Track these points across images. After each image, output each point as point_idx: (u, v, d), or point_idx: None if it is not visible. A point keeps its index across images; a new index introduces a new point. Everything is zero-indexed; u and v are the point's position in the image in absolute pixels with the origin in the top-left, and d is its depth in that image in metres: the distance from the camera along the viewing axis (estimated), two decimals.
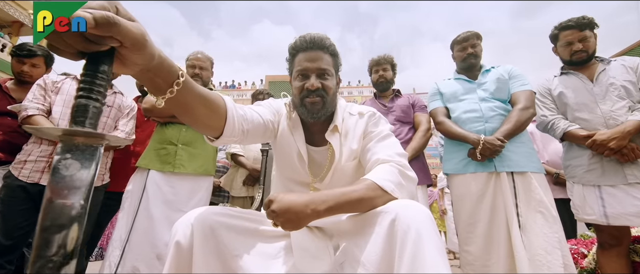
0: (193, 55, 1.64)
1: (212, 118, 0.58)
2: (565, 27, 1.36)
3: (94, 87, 0.32)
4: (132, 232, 1.40)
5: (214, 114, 0.58)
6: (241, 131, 0.65)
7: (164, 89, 0.47)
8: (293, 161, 0.80)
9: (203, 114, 0.56)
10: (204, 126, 0.58)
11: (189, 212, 0.67)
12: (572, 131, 1.28)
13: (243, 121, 0.66)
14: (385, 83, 1.75)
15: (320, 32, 0.79)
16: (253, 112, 0.72)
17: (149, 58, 0.41)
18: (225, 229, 0.65)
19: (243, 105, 0.71)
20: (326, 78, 0.77)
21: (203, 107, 0.54)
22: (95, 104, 0.32)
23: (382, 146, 0.75)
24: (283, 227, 0.56)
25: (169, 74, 0.46)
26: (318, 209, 0.55)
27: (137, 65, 0.41)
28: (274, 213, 0.55)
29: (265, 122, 0.75)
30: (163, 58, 0.44)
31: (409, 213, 0.56)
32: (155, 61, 0.42)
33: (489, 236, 1.22)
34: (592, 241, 1.50)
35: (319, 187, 0.81)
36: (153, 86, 0.46)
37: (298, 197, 0.56)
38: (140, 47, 0.38)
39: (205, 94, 0.54)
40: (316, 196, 0.57)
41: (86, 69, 0.33)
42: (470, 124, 1.35)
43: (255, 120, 0.71)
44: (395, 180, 0.65)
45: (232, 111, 0.62)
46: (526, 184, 1.21)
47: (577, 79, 1.36)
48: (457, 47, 1.52)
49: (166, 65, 0.45)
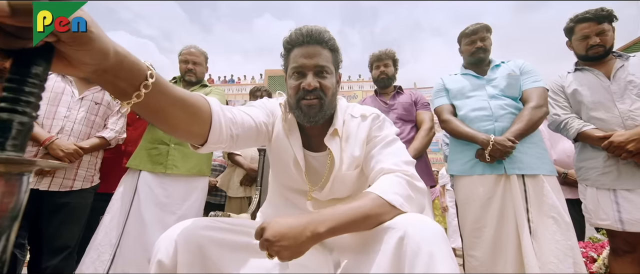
0: (186, 50, 1.55)
1: (193, 124, 0.50)
2: (582, 20, 1.28)
3: (21, 96, 0.25)
4: (123, 236, 1.35)
5: (196, 119, 0.50)
6: (229, 137, 0.58)
7: (129, 92, 0.39)
8: (289, 167, 0.73)
9: (181, 120, 0.48)
10: (184, 133, 0.50)
11: (173, 226, 0.60)
12: (587, 132, 1.21)
13: (232, 124, 0.58)
14: (386, 79, 1.67)
15: (318, 25, 0.71)
16: (244, 115, 0.64)
17: (99, 56, 0.33)
18: (213, 245, 0.59)
19: (232, 107, 0.64)
20: (325, 76, 0.69)
21: (181, 111, 0.47)
22: (23, 119, 0.25)
23: (388, 153, 0.68)
24: (280, 257, 0.48)
25: (132, 75, 0.38)
26: (318, 230, 0.48)
27: (88, 65, 0.33)
28: (267, 242, 0.48)
29: (258, 125, 0.67)
30: (123, 55, 0.36)
31: (420, 231, 0.49)
32: (111, 60, 0.35)
33: (496, 241, 1.16)
34: (602, 244, 1.44)
35: (318, 197, 0.74)
36: (115, 90, 0.39)
37: (294, 220, 0.49)
38: (84, 42, 0.30)
39: (183, 96, 0.47)
40: (315, 216, 0.50)
41: (12, 73, 0.25)
42: (478, 123, 1.28)
43: (246, 123, 0.63)
44: (404, 193, 0.58)
45: (218, 114, 0.54)
46: (538, 187, 1.14)
47: (593, 75, 1.28)
48: (465, 41, 1.43)
49: (128, 64, 0.37)
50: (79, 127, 1.33)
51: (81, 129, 1.34)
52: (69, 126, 1.30)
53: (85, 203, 1.35)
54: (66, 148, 1.23)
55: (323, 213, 0.51)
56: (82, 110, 1.35)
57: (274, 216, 0.81)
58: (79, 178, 1.32)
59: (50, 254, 1.24)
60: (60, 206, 1.26)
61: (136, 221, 1.35)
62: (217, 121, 0.53)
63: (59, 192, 1.25)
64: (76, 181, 1.31)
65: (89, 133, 1.37)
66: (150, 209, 1.36)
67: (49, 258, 1.24)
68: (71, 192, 1.29)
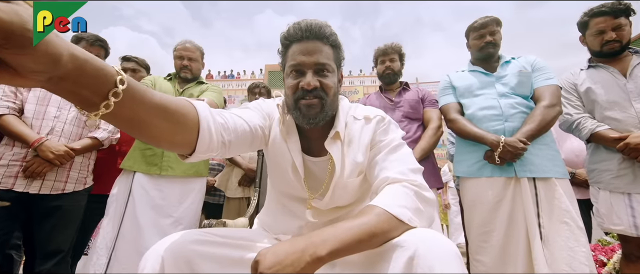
0: (181, 45, 1.49)
1: (177, 133, 0.44)
2: (598, 13, 1.21)
3: None
4: (118, 239, 1.31)
5: (180, 127, 0.44)
6: (221, 144, 0.52)
7: (97, 102, 0.33)
8: (287, 173, 0.68)
9: (163, 130, 0.42)
10: (168, 143, 0.45)
11: (162, 240, 0.56)
12: (601, 132, 1.15)
13: (223, 130, 0.53)
14: (392, 75, 1.60)
15: (318, 19, 0.64)
16: (237, 118, 0.59)
17: (47, 61, 0.27)
18: (204, 261, 0.55)
19: (224, 111, 0.58)
20: (325, 75, 0.63)
21: (162, 120, 0.41)
22: None
23: (393, 160, 0.62)
24: None
25: (98, 82, 0.33)
26: (319, 254, 0.43)
27: (37, 74, 0.28)
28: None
29: (253, 129, 0.62)
30: (83, 60, 0.31)
31: (432, 250, 0.45)
32: (66, 65, 0.29)
33: (505, 247, 1.11)
34: (613, 248, 1.40)
35: (318, 206, 0.69)
36: (79, 100, 0.33)
37: (290, 245, 0.44)
38: (22, 44, 0.25)
39: (164, 103, 0.41)
40: (314, 238, 0.45)
41: None
42: (487, 123, 1.22)
43: (240, 128, 0.58)
44: (412, 205, 0.53)
45: (207, 120, 0.48)
46: (550, 191, 1.09)
47: (608, 73, 1.22)
48: (474, 35, 1.36)
49: (91, 69, 0.32)
50: (69, 127, 1.27)
51: (72, 130, 1.28)
52: (60, 127, 1.25)
53: (78, 206, 1.30)
54: (56, 150, 1.17)
55: (323, 232, 0.46)
56: (73, 110, 1.29)
57: (271, 225, 0.77)
58: (71, 180, 1.27)
59: (43, 259, 1.20)
60: (52, 209, 1.21)
61: (131, 225, 1.31)
62: (205, 128, 0.48)
63: (50, 195, 1.20)
64: (68, 184, 1.26)
65: (80, 134, 1.31)
66: (146, 212, 1.31)
67: (42, 263, 1.20)
68: (63, 195, 1.24)
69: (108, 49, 1.49)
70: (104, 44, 1.45)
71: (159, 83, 1.46)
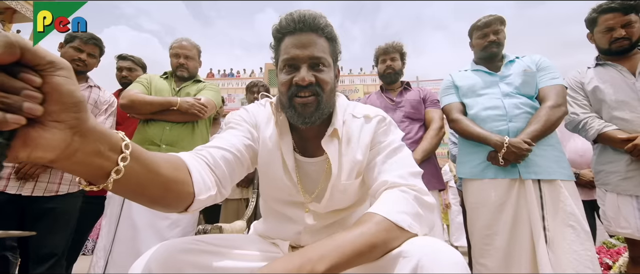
0: (177, 43, 1.45)
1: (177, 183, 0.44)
2: (607, 10, 1.17)
3: None
4: (114, 242, 1.28)
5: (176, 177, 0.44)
6: (220, 196, 0.52)
7: (108, 169, 0.34)
8: (279, 176, 0.64)
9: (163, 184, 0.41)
10: (167, 207, 0.45)
11: (149, 251, 0.53)
12: (609, 133, 1.12)
13: (218, 183, 0.52)
14: (393, 74, 1.57)
15: (312, 10, 0.60)
16: (223, 153, 0.55)
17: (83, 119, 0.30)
18: (193, 271, 0.52)
19: (205, 146, 0.56)
20: (321, 69, 0.59)
21: (161, 176, 0.40)
22: None
23: (392, 163, 0.59)
24: None
25: (111, 141, 0.34)
26: (316, 270, 0.40)
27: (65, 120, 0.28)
28: None
29: (242, 155, 0.59)
30: (97, 124, 0.32)
31: (437, 261, 0.42)
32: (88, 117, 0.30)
33: (509, 250, 1.08)
34: (618, 250, 1.38)
35: (316, 209, 0.66)
36: (90, 169, 0.33)
37: (285, 262, 0.41)
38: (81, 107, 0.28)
39: (157, 161, 0.41)
40: (311, 253, 0.42)
41: None
42: (491, 123, 1.19)
43: (230, 164, 0.56)
44: (412, 211, 0.50)
45: (195, 166, 0.48)
46: (555, 193, 1.06)
47: (616, 71, 1.18)
48: (477, 34, 1.32)
49: (102, 129, 0.33)
50: None
51: None
52: None
53: (73, 208, 1.28)
54: None
55: (320, 247, 0.43)
56: None
57: (267, 233, 0.74)
58: (64, 182, 1.24)
59: (36, 262, 1.18)
60: (46, 211, 1.19)
61: (127, 226, 1.28)
62: (202, 191, 0.47)
63: (43, 197, 1.18)
64: (62, 185, 1.23)
65: None
66: (142, 214, 1.29)
67: (36, 266, 1.18)
68: (56, 197, 1.21)
69: (103, 48, 1.45)
70: (98, 42, 1.41)
71: (154, 82, 1.43)
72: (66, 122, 0.28)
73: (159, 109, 1.31)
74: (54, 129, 0.28)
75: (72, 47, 1.34)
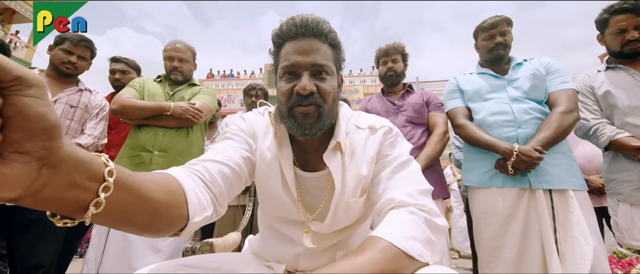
0: (170, 46, 1.40)
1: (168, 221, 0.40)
2: (619, 10, 1.12)
3: None
4: (105, 252, 1.23)
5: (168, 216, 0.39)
6: (216, 215, 0.49)
7: (87, 200, 0.29)
8: (277, 191, 0.59)
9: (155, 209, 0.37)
10: (156, 233, 0.40)
11: (139, 271, 0.48)
12: (621, 140, 1.07)
13: (214, 201, 0.48)
14: (394, 76, 1.52)
15: (315, 14, 0.55)
16: (220, 168, 0.51)
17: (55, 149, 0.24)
18: None
19: (200, 159, 0.51)
20: (323, 78, 0.55)
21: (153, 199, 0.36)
22: None
23: (400, 179, 0.54)
24: None
25: (90, 169, 0.28)
26: None
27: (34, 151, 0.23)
28: None
29: (240, 169, 0.55)
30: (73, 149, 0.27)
31: None
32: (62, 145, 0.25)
33: (518, 263, 1.03)
34: (630, 262, 1.32)
35: (318, 229, 0.61)
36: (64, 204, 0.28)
37: None
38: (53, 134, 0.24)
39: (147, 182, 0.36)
40: None
41: None
42: (498, 129, 1.14)
43: (228, 179, 0.51)
44: (423, 236, 0.45)
45: (189, 184, 0.43)
46: (565, 203, 1.01)
47: (628, 75, 1.13)
48: (483, 35, 1.27)
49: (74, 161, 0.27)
50: None
51: None
52: None
53: None
54: None
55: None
56: None
57: (262, 253, 0.69)
58: None
59: None
60: (32, 222, 1.13)
61: (118, 236, 1.23)
62: (197, 212, 0.42)
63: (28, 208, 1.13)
64: None
65: None
66: None
67: None
68: None
69: (94, 50, 1.40)
70: (89, 44, 1.36)
71: (147, 85, 1.37)
72: (32, 154, 0.23)
73: (151, 115, 1.25)
74: (14, 163, 0.22)
75: (62, 50, 1.28)
